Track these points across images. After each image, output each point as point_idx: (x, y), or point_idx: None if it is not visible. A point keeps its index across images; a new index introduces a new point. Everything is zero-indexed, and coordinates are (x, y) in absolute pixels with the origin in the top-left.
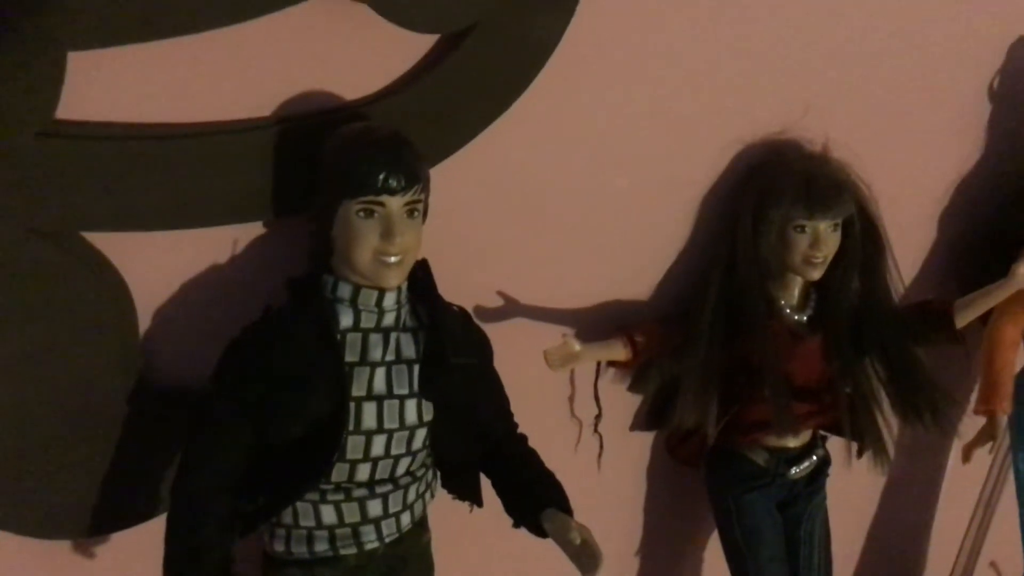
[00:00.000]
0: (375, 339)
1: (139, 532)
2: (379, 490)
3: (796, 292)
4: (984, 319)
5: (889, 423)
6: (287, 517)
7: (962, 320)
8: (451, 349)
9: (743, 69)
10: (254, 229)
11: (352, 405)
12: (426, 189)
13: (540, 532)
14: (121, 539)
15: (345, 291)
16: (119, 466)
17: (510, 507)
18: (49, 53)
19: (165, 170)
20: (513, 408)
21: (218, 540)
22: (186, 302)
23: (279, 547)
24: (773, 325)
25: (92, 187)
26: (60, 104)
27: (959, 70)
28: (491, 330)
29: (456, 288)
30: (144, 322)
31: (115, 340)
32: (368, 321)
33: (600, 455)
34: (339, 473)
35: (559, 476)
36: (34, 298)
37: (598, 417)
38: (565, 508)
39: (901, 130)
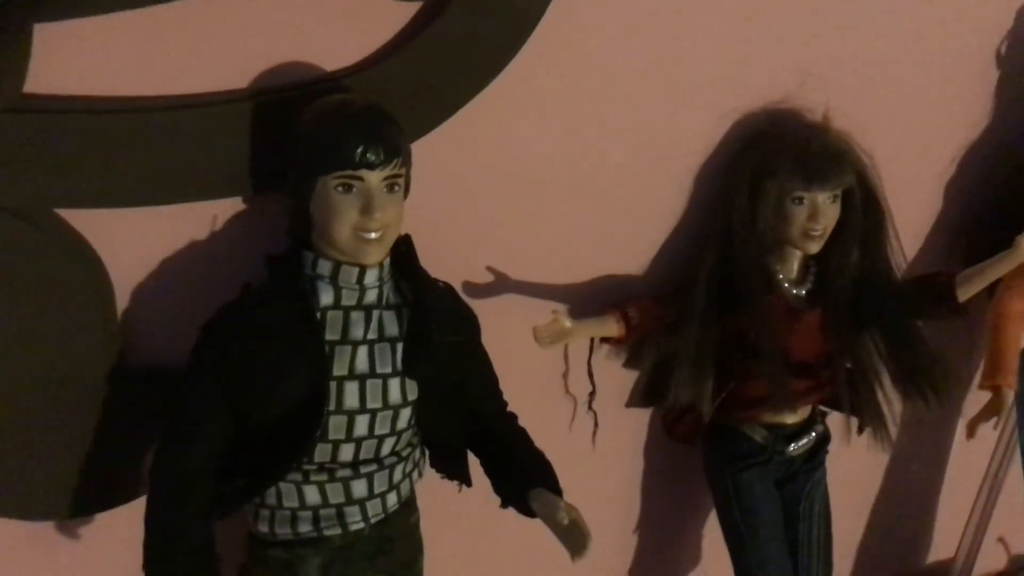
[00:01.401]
0: (356, 317)
1: (122, 512)
2: (363, 470)
3: (795, 266)
4: (991, 292)
5: (890, 399)
6: (271, 498)
7: (964, 293)
8: (435, 326)
9: (740, 36)
10: (233, 205)
11: (333, 384)
12: (407, 163)
13: (528, 512)
14: (104, 519)
15: (325, 268)
16: (100, 446)
17: (498, 487)
18: (14, 26)
19: (140, 145)
20: (505, 386)
21: (199, 521)
22: (165, 280)
23: (263, 528)
24: (771, 300)
25: (64, 163)
26: (28, 78)
27: (965, 35)
28: (480, 306)
29: (443, 264)
30: (122, 301)
31: (93, 319)
32: (349, 298)
33: (595, 433)
34: (321, 453)
35: (553, 455)
36: (8, 278)
37: (592, 394)
38: (554, 488)
39: (905, 98)
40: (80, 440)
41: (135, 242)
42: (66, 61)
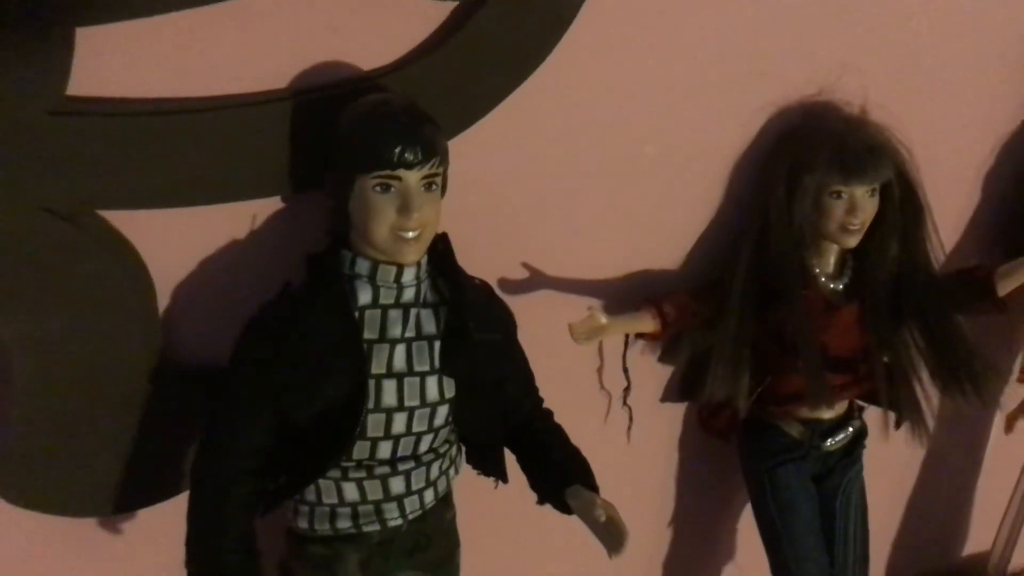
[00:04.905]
0: (395, 315)
1: (164, 509)
2: (401, 467)
3: (832, 260)
4: None
5: (928, 394)
6: (310, 494)
7: (1004, 288)
8: (473, 324)
9: (777, 29)
10: (272, 204)
11: (372, 383)
12: (444, 162)
13: (565, 509)
14: (147, 516)
15: (363, 267)
16: (143, 443)
17: (535, 484)
18: (57, 29)
19: (180, 146)
20: (540, 381)
21: (240, 518)
22: (205, 279)
23: (303, 524)
24: (807, 294)
25: (106, 165)
26: (71, 81)
27: (1005, 24)
28: (516, 303)
29: (479, 261)
30: (163, 300)
31: (135, 318)
32: (387, 297)
33: (630, 428)
34: (360, 451)
35: (588, 450)
36: (52, 278)
37: (627, 389)
38: (590, 485)
39: (943, 90)
40: (123, 437)
41: (176, 242)
42: (108, 64)
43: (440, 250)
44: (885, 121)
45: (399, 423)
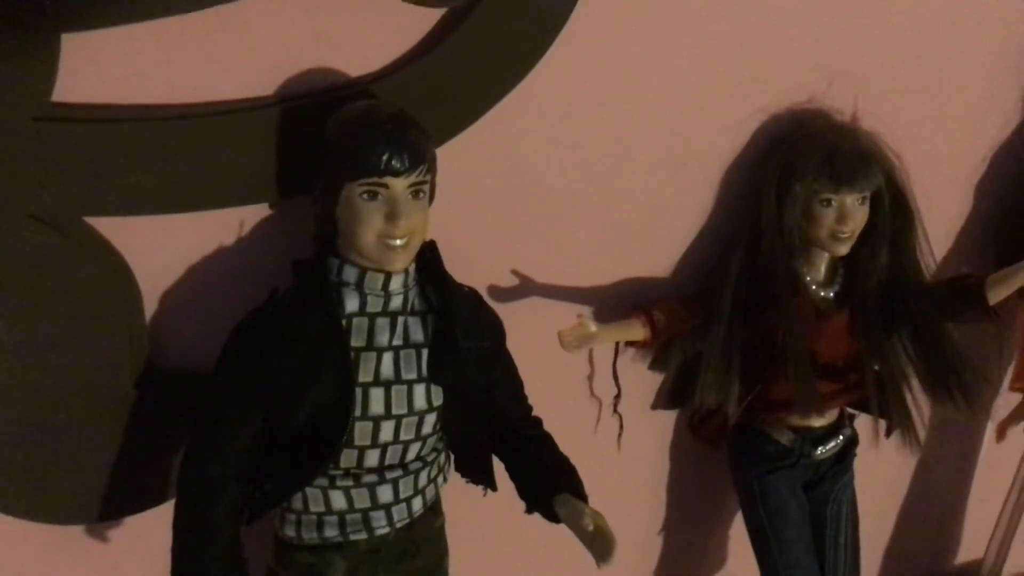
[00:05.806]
0: (382, 323)
1: (150, 516)
2: (389, 476)
3: (822, 267)
4: (1023, 293)
5: (919, 402)
6: (297, 502)
7: (995, 296)
8: (461, 332)
9: (768, 36)
10: (260, 211)
11: (359, 391)
12: (432, 169)
13: (553, 517)
14: (133, 523)
15: (351, 274)
16: (129, 450)
17: (523, 492)
18: (42, 35)
19: (167, 152)
20: (530, 389)
21: (227, 525)
22: (192, 286)
23: (290, 532)
24: (798, 302)
25: (92, 171)
26: (56, 87)
27: (995, 31)
28: (505, 311)
29: (468, 269)
30: (150, 307)
31: (121, 325)
32: (374, 305)
33: (620, 435)
34: (347, 459)
35: (578, 457)
36: (38, 284)
37: (617, 397)
38: (579, 493)
39: (934, 97)
40: (108, 444)
41: (163, 249)
42: (93, 70)
43: (428, 258)
44: (876, 128)
45: (386, 431)
